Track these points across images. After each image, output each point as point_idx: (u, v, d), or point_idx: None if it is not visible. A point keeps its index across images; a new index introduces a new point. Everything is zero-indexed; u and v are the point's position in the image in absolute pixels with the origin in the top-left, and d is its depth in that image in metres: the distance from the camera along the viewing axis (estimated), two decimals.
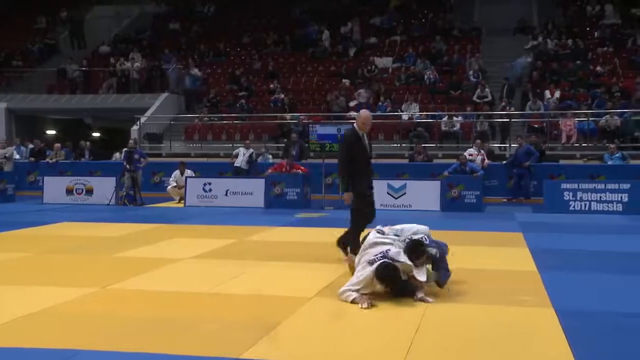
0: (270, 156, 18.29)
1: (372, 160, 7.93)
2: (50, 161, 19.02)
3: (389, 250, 5.86)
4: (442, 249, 6.33)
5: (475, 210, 13.85)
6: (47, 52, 27.65)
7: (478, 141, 17.10)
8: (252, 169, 17.22)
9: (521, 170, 15.57)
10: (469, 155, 15.78)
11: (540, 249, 8.60)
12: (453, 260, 7.82)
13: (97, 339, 4.59)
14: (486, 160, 16.23)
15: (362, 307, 5.42)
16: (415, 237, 6.22)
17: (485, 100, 20.52)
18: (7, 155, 18.90)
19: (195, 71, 23.73)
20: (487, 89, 20.70)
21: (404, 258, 5.79)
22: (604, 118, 18.54)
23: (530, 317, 5.27)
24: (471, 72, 21.89)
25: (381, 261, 5.73)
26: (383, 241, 6.08)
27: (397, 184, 14.55)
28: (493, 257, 8.17)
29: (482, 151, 16.44)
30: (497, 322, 5.11)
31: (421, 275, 5.79)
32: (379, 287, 5.78)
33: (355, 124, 7.49)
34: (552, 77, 21.25)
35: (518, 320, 5.19)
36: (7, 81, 26.02)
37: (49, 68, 26.09)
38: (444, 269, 6.15)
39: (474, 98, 20.61)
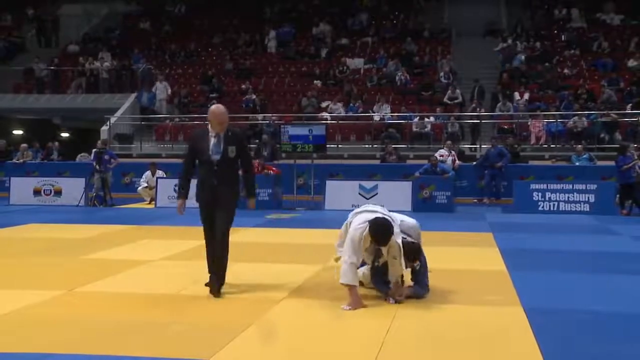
0: None
1: (344, 161, 7.71)
2: (17, 162, 18.69)
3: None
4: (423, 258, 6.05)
5: (446, 210, 13.97)
6: (13, 50, 27.14)
7: (449, 142, 17.26)
8: None
9: (493, 171, 15.74)
10: (440, 156, 15.91)
11: (509, 248, 8.71)
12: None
13: (65, 342, 4.52)
14: (457, 161, 16.37)
15: (344, 308, 5.36)
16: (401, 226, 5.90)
17: (456, 101, 20.71)
18: None
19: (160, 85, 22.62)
20: (457, 90, 20.90)
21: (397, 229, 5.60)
22: (571, 120, 18.85)
23: (500, 316, 5.34)
24: (442, 74, 22.07)
25: (376, 215, 5.58)
26: (373, 209, 5.86)
27: (368, 184, 14.60)
28: (463, 257, 8.24)
29: (452, 152, 16.58)
30: (467, 321, 5.15)
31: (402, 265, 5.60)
32: (365, 255, 5.64)
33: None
34: (521, 79, 21.53)
35: (488, 319, 5.24)
36: None
37: (15, 67, 25.63)
38: (424, 284, 5.93)
39: (445, 99, 20.78)
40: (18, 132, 26.76)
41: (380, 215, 5.66)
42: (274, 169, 15.24)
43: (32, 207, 14.77)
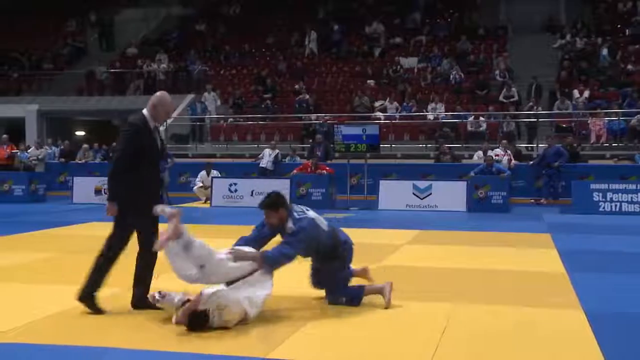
0: (298, 157, 18.33)
1: (398, 160, 7.60)
2: (79, 162, 19.30)
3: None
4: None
5: (501, 211, 13.73)
6: (77, 54, 28.04)
7: (504, 141, 16.96)
8: (278, 170, 17.28)
9: (550, 171, 15.38)
10: (495, 156, 15.67)
11: (569, 250, 8.48)
12: (479, 262, 7.76)
13: (124, 338, 4.63)
14: (513, 161, 16.08)
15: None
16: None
17: (512, 100, 20.32)
18: (39, 156, 19.27)
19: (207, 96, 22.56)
20: (513, 89, 20.50)
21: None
22: (635, 117, 18.23)
23: (560, 319, 5.20)
24: (497, 72, 21.70)
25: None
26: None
27: (422, 184, 14.49)
28: (521, 258, 8.07)
29: (508, 151, 16.29)
30: (525, 324, 5.04)
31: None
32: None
33: (146, 111, 5.33)
34: (580, 76, 20.97)
35: (547, 322, 5.11)
36: (38, 84, 26.45)
37: (78, 70, 26.46)
38: (339, 294, 5.43)
39: (501, 98, 20.42)
40: (80, 133, 27.60)
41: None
42: (327, 168, 15.27)
43: (93, 206, 15.19)
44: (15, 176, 16.92)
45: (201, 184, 16.23)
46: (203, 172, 16.30)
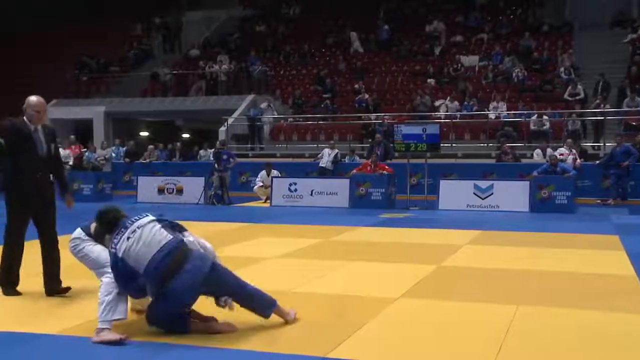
0: (357, 157, 18.32)
1: (458, 160, 7.49)
2: (144, 162, 19.83)
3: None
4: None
5: (566, 211, 13.36)
6: (142, 57, 28.82)
7: (569, 140, 16.50)
8: (337, 169, 17.32)
9: (619, 171, 14.88)
10: (560, 155, 15.28)
11: (639, 252, 8.18)
12: (543, 263, 7.57)
13: (188, 336, 4.72)
14: (578, 160, 15.65)
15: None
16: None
17: (578, 97, 19.73)
18: (106, 156, 19.91)
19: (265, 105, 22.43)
20: (579, 86, 19.91)
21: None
22: None
23: (630, 323, 5.02)
24: (562, 69, 21.12)
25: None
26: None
27: (483, 184, 14.25)
28: (587, 260, 7.84)
29: (573, 150, 15.86)
30: (593, 327, 4.89)
31: None
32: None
33: (25, 116, 5.89)
34: None
35: (616, 326, 4.95)
36: (106, 86, 27.32)
37: (143, 72, 27.19)
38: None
39: (565, 96, 19.86)
40: (144, 133, 28.36)
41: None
42: (387, 167, 15.22)
43: (156, 205, 15.57)
44: (84, 176, 17.51)
45: (261, 184, 16.41)
46: (263, 172, 16.48)
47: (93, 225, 5.24)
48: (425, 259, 7.82)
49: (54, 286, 5.83)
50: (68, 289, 5.86)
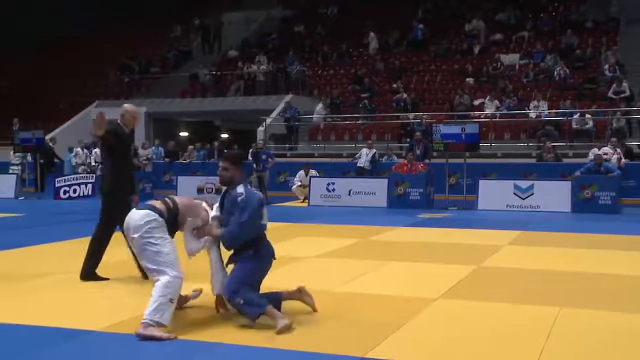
0: (395, 156, 18.26)
1: (498, 160, 7.38)
2: (184, 161, 20.10)
3: None
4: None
5: (610, 212, 13.07)
6: (182, 58, 29.22)
7: (613, 139, 16.15)
8: (375, 169, 17.28)
9: None
10: (604, 154, 14.96)
11: None
12: (586, 264, 7.42)
13: (228, 333, 4.76)
14: (623, 159, 15.30)
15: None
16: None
17: (623, 95, 19.30)
18: (149, 156, 20.24)
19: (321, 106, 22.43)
20: (624, 84, 19.46)
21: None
22: None
23: None
24: (607, 66, 20.67)
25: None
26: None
27: (524, 184, 14.06)
28: (632, 262, 7.65)
29: (617, 150, 15.51)
30: (636, 332, 4.79)
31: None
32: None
33: (120, 120, 6.53)
34: None
35: None
36: (146, 87, 27.78)
37: (183, 73, 27.56)
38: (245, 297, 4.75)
39: (610, 94, 19.45)
40: (184, 134, 28.73)
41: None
42: (422, 165, 15.21)
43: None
44: None
45: (299, 183, 16.48)
46: (301, 172, 16.54)
47: (164, 207, 4.95)
48: (465, 259, 7.75)
49: None
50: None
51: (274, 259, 5.13)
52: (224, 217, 4.96)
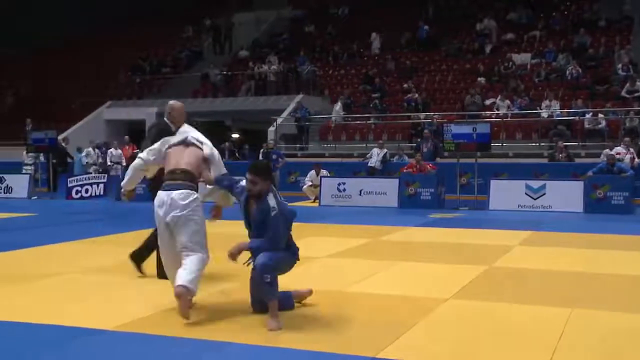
0: (406, 156, 18.23)
1: (509, 160, 7.32)
2: None
3: None
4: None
5: (623, 212, 12.98)
6: (193, 58, 29.31)
7: (627, 139, 16.04)
8: (386, 169, 17.25)
9: None
10: (616, 154, 14.86)
11: None
12: (598, 265, 7.37)
13: (240, 331, 4.77)
14: (636, 159, 15.19)
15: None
16: None
17: (636, 94, 19.16)
18: None
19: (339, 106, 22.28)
20: (638, 83, 19.32)
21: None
22: None
23: None
24: (620, 66, 20.54)
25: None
26: None
27: (535, 184, 13.98)
28: None
29: (631, 149, 15.40)
30: None
31: None
32: None
33: (166, 118, 6.56)
34: None
35: None
36: (158, 87, 27.89)
37: (194, 73, 27.64)
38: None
39: (623, 93, 19.33)
40: None
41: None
42: (430, 165, 15.18)
43: (204, 204, 15.77)
44: None
45: (310, 183, 16.48)
46: (312, 172, 16.54)
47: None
48: (476, 259, 7.72)
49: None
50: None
51: (298, 259, 5.29)
52: (254, 227, 5.09)
